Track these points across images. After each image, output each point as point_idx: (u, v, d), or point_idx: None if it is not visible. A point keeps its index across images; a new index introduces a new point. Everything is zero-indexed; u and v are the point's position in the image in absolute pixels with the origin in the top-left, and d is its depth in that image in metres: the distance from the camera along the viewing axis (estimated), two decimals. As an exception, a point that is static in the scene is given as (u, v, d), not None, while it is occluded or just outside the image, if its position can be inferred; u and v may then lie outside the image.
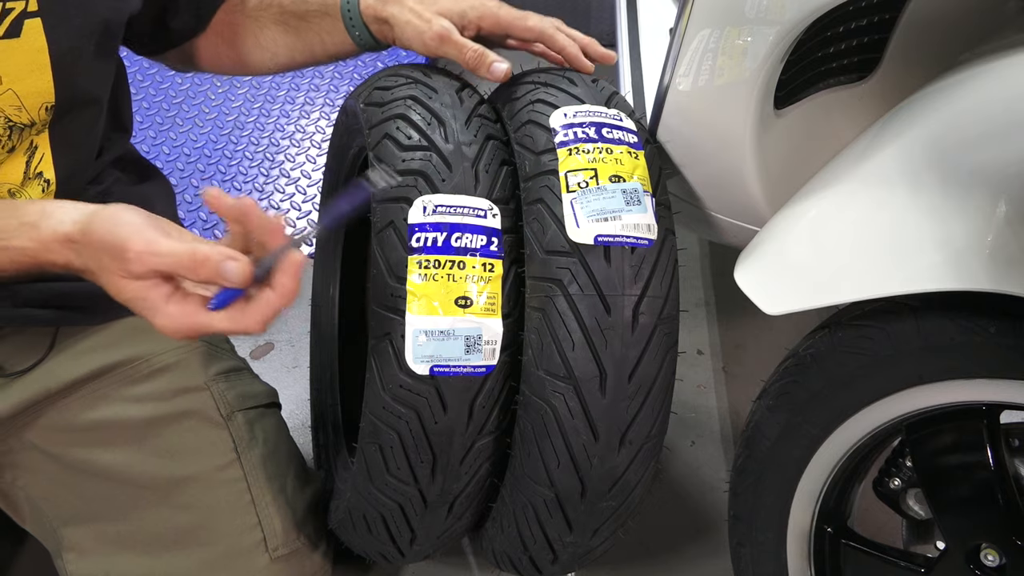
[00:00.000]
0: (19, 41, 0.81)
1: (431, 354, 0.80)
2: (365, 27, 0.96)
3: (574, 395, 0.81)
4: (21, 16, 0.80)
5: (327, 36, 1.00)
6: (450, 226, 0.81)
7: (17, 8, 0.80)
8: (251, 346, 1.59)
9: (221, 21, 1.04)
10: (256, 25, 1.03)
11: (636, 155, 0.86)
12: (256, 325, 0.72)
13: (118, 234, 0.71)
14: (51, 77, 0.84)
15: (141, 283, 0.72)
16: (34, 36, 0.82)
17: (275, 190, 1.93)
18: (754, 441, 0.94)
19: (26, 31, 0.81)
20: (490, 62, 0.90)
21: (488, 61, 0.90)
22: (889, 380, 0.83)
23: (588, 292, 0.80)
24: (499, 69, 0.90)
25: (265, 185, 1.95)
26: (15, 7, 0.79)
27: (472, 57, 0.90)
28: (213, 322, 0.72)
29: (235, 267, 0.70)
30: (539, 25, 0.93)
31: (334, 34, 0.99)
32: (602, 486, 0.85)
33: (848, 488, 0.95)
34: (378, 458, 0.84)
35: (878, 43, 0.94)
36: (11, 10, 0.79)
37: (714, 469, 1.38)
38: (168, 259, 0.70)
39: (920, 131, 0.80)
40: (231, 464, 0.98)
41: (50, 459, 0.96)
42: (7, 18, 0.80)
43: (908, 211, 0.77)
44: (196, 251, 0.70)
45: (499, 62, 0.90)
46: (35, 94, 0.84)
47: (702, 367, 1.54)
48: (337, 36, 0.99)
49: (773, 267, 0.84)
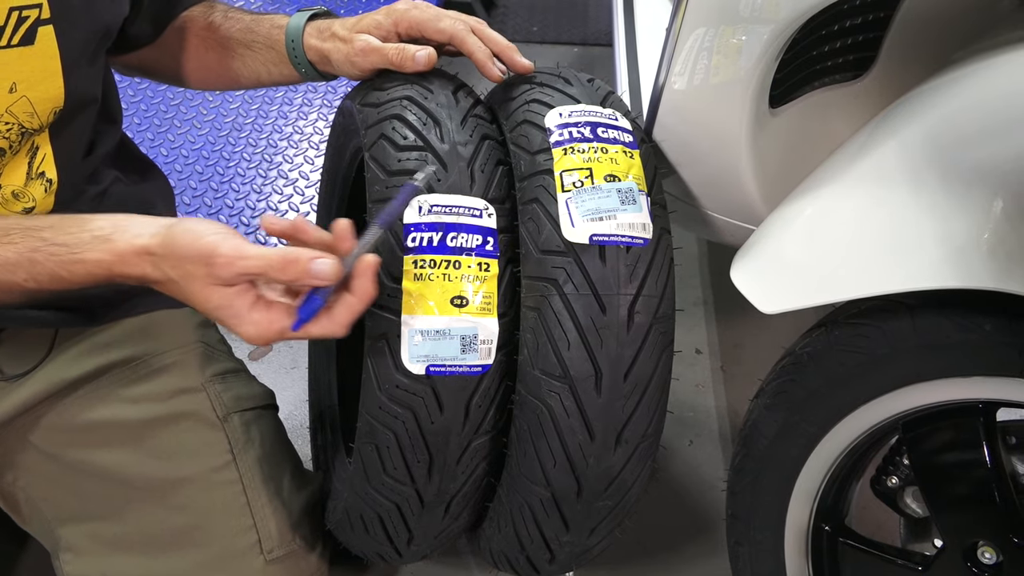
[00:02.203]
0: (33, 48, 0.82)
1: (427, 354, 0.80)
2: (311, 64, 0.98)
3: (570, 394, 0.81)
4: (35, 23, 0.81)
5: (273, 67, 1.01)
6: (446, 226, 0.81)
7: (32, 16, 0.80)
8: (250, 347, 1.58)
9: (172, 34, 1.06)
10: (204, 46, 1.05)
11: (631, 154, 0.86)
12: (340, 329, 0.76)
13: (206, 242, 0.73)
14: (62, 83, 0.85)
15: (228, 290, 0.74)
16: (47, 43, 0.82)
17: (273, 191, 1.93)
18: (752, 440, 0.94)
19: (40, 38, 0.82)
20: (412, 54, 0.88)
21: (410, 54, 0.88)
22: (886, 378, 0.83)
23: (583, 291, 0.80)
24: (421, 58, 0.88)
25: (263, 186, 1.95)
26: (30, 15, 0.80)
27: (394, 55, 0.89)
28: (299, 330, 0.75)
29: (325, 264, 0.72)
30: (450, 27, 0.90)
31: (280, 66, 1.00)
32: (598, 485, 0.85)
33: (846, 486, 0.95)
34: (375, 458, 0.84)
35: (873, 41, 0.94)
36: (27, 18, 0.80)
37: (712, 468, 1.38)
38: (258, 261, 0.72)
39: (916, 128, 0.80)
40: (227, 466, 0.98)
41: (49, 459, 0.97)
42: (23, 26, 0.80)
43: (904, 209, 0.77)
44: (287, 251, 0.72)
45: (420, 51, 0.88)
46: (47, 100, 0.85)
47: (700, 366, 1.54)
48: (284, 68, 1.00)
49: (769, 266, 0.84)
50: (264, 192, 1.93)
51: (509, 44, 0.91)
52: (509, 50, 0.91)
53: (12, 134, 0.84)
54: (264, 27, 1.00)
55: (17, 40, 0.80)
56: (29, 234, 0.80)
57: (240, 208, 1.90)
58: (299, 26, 0.96)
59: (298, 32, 0.96)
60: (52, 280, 0.79)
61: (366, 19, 0.93)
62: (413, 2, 0.93)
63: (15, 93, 0.82)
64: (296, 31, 0.96)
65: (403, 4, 0.93)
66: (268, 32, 1.00)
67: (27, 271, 0.79)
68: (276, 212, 1.88)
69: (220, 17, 1.04)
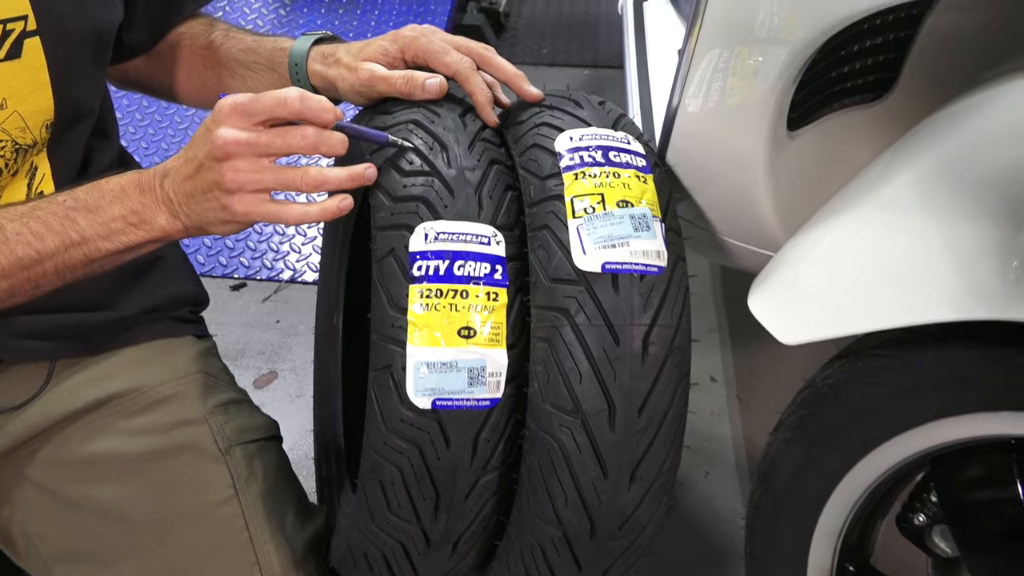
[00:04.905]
0: (20, 62, 0.81)
1: (433, 387, 0.77)
2: (314, 90, 0.96)
3: (582, 429, 0.78)
4: (21, 36, 0.81)
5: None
6: (453, 254, 0.79)
7: (17, 28, 0.80)
8: (254, 375, 1.57)
9: (170, 49, 1.06)
10: (203, 64, 1.04)
11: (644, 179, 0.83)
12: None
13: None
14: (51, 95, 0.84)
15: (247, 161, 0.76)
16: (34, 55, 0.82)
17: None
18: (771, 475, 0.91)
19: (26, 50, 0.81)
20: (421, 83, 0.86)
21: (419, 83, 0.86)
22: (912, 413, 0.80)
23: (596, 322, 0.78)
24: (432, 86, 0.86)
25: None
26: (15, 27, 0.80)
27: (402, 84, 0.87)
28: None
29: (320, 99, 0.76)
30: (456, 64, 0.88)
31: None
32: (612, 524, 0.82)
33: (870, 524, 0.92)
34: (379, 495, 0.81)
35: (894, 61, 0.91)
36: (12, 31, 0.80)
37: (729, 501, 1.34)
38: (256, 102, 0.76)
39: (940, 154, 0.78)
40: (228, 500, 0.96)
41: (46, 494, 0.95)
42: (8, 39, 0.80)
43: (927, 237, 0.75)
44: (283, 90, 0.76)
45: (431, 79, 0.86)
46: (37, 113, 0.84)
47: (715, 394, 1.51)
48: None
49: (789, 295, 0.81)
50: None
51: (518, 72, 0.90)
52: (518, 78, 0.90)
53: (6, 151, 0.84)
54: (267, 49, 1.00)
55: (3, 55, 0.80)
56: (54, 200, 0.81)
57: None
58: (303, 51, 0.95)
59: (302, 56, 0.95)
60: (82, 243, 0.80)
61: (372, 45, 0.92)
62: (421, 29, 0.92)
63: (5, 109, 0.82)
64: (300, 55, 0.95)
65: (410, 31, 0.91)
66: (271, 54, 0.99)
67: (58, 237, 0.79)
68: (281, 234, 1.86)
69: (221, 36, 1.04)
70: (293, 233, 1.86)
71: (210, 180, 0.77)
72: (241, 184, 0.76)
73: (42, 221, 0.79)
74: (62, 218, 0.80)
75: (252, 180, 0.76)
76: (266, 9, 2.59)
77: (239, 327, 1.79)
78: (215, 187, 0.77)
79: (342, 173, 0.79)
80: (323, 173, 0.78)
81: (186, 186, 0.79)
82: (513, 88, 0.90)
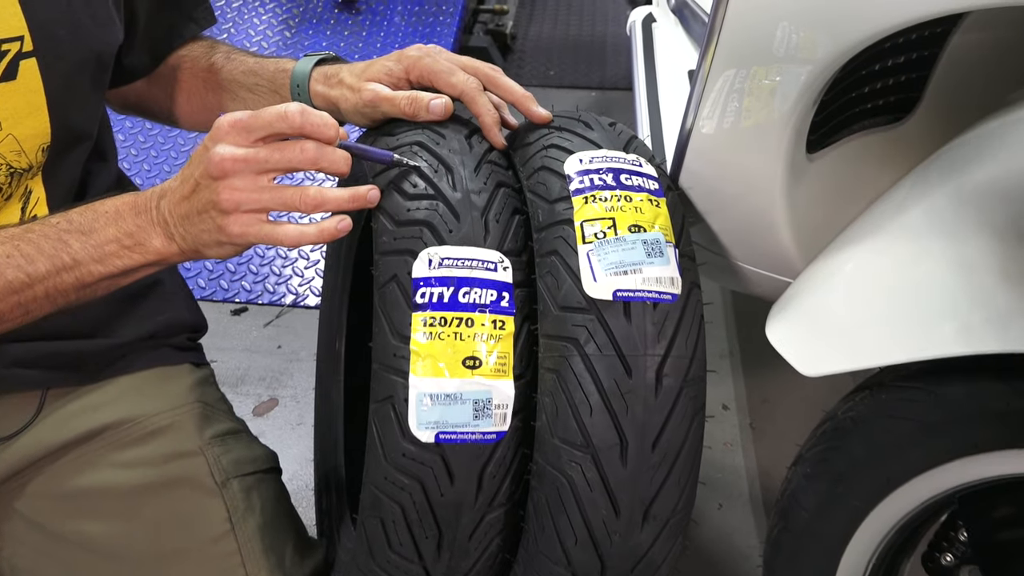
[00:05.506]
0: (15, 84, 0.80)
1: (437, 419, 0.75)
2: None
3: (592, 465, 0.76)
4: (17, 57, 0.80)
5: None
6: (457, 280, 0.76)
7: (13, 49, 0.79)
8: (254, 402, 1.54)
9: (171, 72, 1.05)
10: (204, 87, 1.04)
11: (657, 203, 0.81)
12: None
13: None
14: (48, 118, 0.83)
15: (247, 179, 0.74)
16: (30, 77, 0.81)
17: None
18: (790, 513, 0.88)
19: (22, 72, 0.80)
20: (426, 103, 0.85)
21: (424, 103, 0.85)
22: (939, 448, 0.77)
23: (607, 352, 0.75)
24: (436, 107, 0.85)
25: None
26: (11, 48, 0.79)
27: (406, 104, 0.85)
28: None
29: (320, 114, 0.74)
30: (462, 84, 0.86)
31: None
32: (624, 565, 0.79)
33: (896, 564, 0.89)
34: (379, 532, 0.79)
35: (917, 82, 0.89)
36: (7, 52, 0.79)
37: (745, 535, 1.30)
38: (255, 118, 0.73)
39: (965, 179, 0.76)
40: (224, 536, 0.93)
41: (35, 529, 0.93)
42: (3, 60, 0.79)
43: (952, 267, 0.73)
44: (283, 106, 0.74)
45: (435, 99, 0.85)
46: (33, 136, 0.83)
47: (728, 423, 1.48)
48: None
49: (809, 326, 0.78)
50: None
51: (526, 93, 0.88)
52: (526, 99, 0.88)
53: (1, 175, 0.82)
54: (269, 70, 0.98)
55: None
56: (47, 222, 0.79)
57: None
58: (305, 71, 0.93)
59: (304, 77, 0.93)
60: (74, 266, 0.78)
61: (376, 65, 0.90)
62: (426, 49, 0.90)
63: (0, 132, 0.81)
64: (302, 76, 0.93)
65: (415, 51, 0.90)
66: (273, 76, 0.98)
67: (50, 260, 0.77)
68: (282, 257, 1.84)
69: (222, 58, 1.03)
70: (296, 256, 1.83)
71: (206, 200, 0.74)
72: (237, 203, 0.73)
73: (33, 244, 0.77)
74: (55, 241, 0.77)
75: (249, 199, 0.74)
76: (271, 31, 2.59)
77: (240, 352, 1.77)
78: (211, 207, 0.74)
79: (343, 193, 0.76)
80: (323, 192, 0.75)
81: (182, 207, 0.76)
82: (521, 109, 0.88)
